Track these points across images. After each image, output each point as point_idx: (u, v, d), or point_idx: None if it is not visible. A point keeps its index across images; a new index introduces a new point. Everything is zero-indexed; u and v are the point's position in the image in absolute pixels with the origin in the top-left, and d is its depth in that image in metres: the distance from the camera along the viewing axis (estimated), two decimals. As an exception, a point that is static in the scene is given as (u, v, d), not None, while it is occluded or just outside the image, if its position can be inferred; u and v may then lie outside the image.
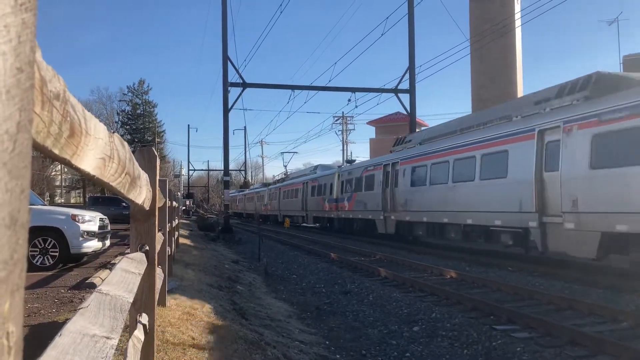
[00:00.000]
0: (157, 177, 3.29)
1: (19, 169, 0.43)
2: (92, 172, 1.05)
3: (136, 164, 1.94)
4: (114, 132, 1.24)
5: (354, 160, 31.24)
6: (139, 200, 2.25)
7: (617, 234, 9.91)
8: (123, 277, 2.14)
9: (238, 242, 24.54)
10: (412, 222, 18.65)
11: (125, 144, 1.54)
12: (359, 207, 23.40)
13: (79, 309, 1.45)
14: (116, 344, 1.45)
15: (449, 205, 16.05)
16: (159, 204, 3.61)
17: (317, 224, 31.44)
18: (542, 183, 12.11)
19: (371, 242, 20.92)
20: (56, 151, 0.78)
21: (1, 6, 0.40)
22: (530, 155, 12.44)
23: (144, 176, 2.43)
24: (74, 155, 0.87)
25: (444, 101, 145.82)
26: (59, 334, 1.20)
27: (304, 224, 33.53)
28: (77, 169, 0.93)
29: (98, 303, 1.58)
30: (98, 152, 1.04)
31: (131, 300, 1.98)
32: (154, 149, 3.41)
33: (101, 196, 31.51)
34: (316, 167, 36.34)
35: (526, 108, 13.83)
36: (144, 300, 3.19)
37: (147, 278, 3.11)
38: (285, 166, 53.19)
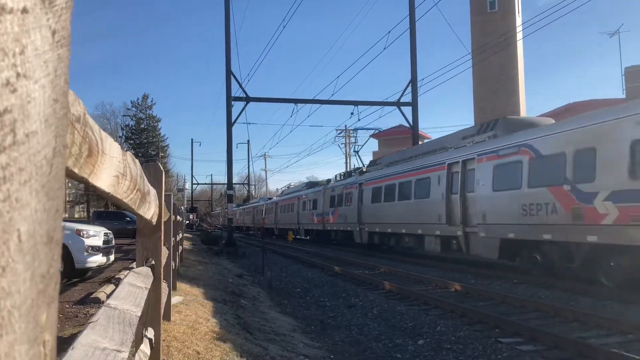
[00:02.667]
0: (163, 192, 3.33)
1: (55, 191, 0.47)
2: (107, 190, 1.09)
3: (146, 180, 1.98)
4: (126, 151, 1.29)
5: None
6: (148, 216, 2.28)
7: None
8: (130, 292, 2.17)
9: (242, 255, 24.48)
10: (284, 229, 39.29)
11: (137, 161, 1.58)
12: (269, 222, 45.51)
13: (89, 322, 1.48)
14: (127, 357, 1.47)
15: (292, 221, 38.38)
16: (164, 219, 3.64)
17: (259, 232, 53.54)
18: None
19: (373, 255, 20.98)
20: (76, 170, 0.82)
21: (41, 44, 0.44)
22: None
23: (153, 191, 2.47)
24: (91, 173, 0.91)
25: (446, 113, 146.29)
26: (71, 347, 1.23)
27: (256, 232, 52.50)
28: (94, 187, 0.98)
29: (107, 317, 1.61)
30: (113, 170, 1.08)
31: (139, 314, 2.00)
32: (159, 164, 3.46)
33: (105, 211, 31.58)
34: (261, 198, 63.18)
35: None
36: (150, 314, 3.20)
37: (153, 292, 3.13)
38: (249, 194, 77.41)
